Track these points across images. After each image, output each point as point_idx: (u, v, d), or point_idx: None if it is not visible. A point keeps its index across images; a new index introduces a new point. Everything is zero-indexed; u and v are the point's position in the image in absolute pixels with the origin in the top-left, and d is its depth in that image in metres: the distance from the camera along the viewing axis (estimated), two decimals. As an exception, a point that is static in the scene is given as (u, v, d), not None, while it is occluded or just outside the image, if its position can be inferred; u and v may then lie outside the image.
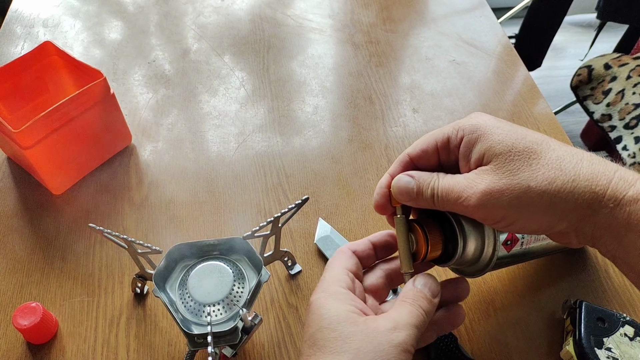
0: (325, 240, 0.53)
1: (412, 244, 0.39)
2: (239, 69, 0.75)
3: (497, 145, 0.32)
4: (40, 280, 0.51)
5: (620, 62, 1.20)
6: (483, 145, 0.33)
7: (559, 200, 0.31)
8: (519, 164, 0.32)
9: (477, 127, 0.34)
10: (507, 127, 0.33)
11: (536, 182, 0.31)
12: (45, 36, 0.80)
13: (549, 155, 0.32)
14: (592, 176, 0.31)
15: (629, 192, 0.30)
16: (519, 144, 0.32)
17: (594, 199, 0.31)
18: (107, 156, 0.62)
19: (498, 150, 0.32)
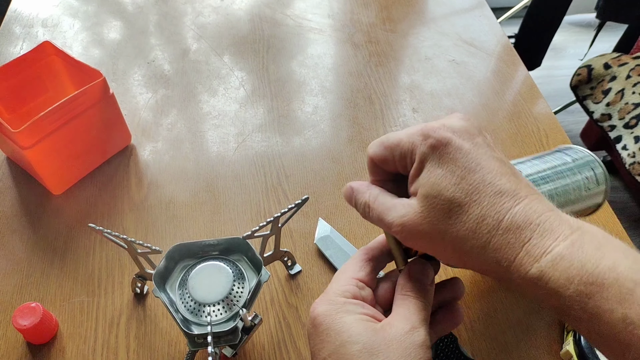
0: (325, 240, 0.53)
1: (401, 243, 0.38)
2: (239, 69, 0.75)
3: (428, 187, 0.32)
4: (40, 280, 0.51)
5: (619, 61, 1.20)
6: (420, 180, 0.33)
7: (467, 259, 0.32)
8: (440, 213, 0.32)
9: (425, 158, 0.33)
10: (449, 165, 0.32)
11: (451, 236, 0.32)
12: (45, 36, 0.80)
13: (470, 212, 0.31)
14: (501, 247, 0.30)
15: (531, 270, 0.29)
16: (448, 191, 0.32)
17: (501, 269, 0.31)
18: (106, 156, 0.62)
19: (426, 192, 0.32)
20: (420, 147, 0.33)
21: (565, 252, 0.29)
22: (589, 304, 0.28)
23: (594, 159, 0.49)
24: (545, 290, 0.29)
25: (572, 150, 0.51)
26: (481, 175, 0.32)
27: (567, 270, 0.29)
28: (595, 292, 0.28)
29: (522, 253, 0.30)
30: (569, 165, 0.48)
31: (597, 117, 1.20)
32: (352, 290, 0.36)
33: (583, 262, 0.28)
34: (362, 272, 0.37)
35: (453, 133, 0.33)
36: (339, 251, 0.52)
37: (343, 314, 0.34)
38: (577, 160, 0.49)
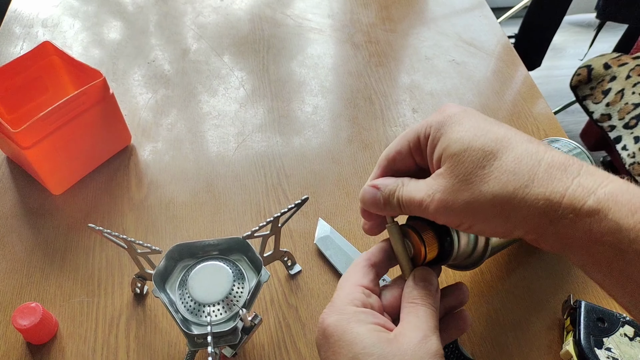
0: (325, 241, 0.53)
1: (410, 249, 0.38)
2: (239, 69, 0.75)
3: (454, 144, 0.31)
4: (40, 280, 0.51)
5: (619, 61, 1.20)
6: (442, 144, 0.32)
7: (511, 208, 0.29)
8: (471, 166, 0.30)
9: (442, 124, 0.32)
10: (470, 122, 0.31)
11: (487, 187, 0.29)
12: (45, 36, 0.80)
13: (505, 156, 0.29)
14: (548, 182, 0.28)
15: (587, 202, 0.27)
16: (477, 141, 0.30)
17: (550, 208, 0.28)
18: (106, 156, 0.62)
19: (453, 150, 0.31)
20: (437, 117, 0.33)
21: (622, 186, 0.27)
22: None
23: (582, 151, 0.50)
24: (604, 224, 0.26)
25: (560, 142, 0.51)
26: (506, 129, 0.31)
27: (630, 202, 0.26)
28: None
29: (573, 186, 0.28)
30: None
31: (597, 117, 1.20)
32: (361, 298, 0.34)
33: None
34: (366, 278, 0.36)
35: (463, 108, 0.33)
36: (339, 251, 0.52)
37: (355, 324, 0.33)
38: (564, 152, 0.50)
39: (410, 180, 0.34)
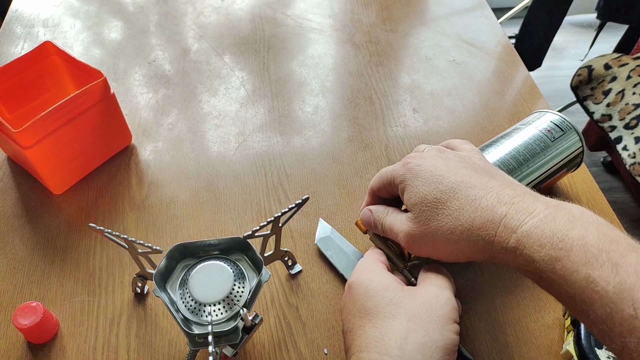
0: (326, 241, 0.53)
1: (394, 248, 0.46)
2: (239, 68, 0.75)
3: (413, 197, 0.39)
4: (40, 279, 0.51)
5: (620, 62, 1.20)
6: (406, 195, 0.40)
7: (462, 244, 0.37)
8: (429, 214, 0.38)
9: (404, 177, 0.40)
10: (425, 175, 0.39)
11: (442, 230, 0.37)
12: (45, 36, 0.80)
13: (451, 205, 0.37)
14: (483, 225, 0.35)
15: (510, 241, 0.34)
16: (430, 195, 0.38)
17: (487, 246, 0.35)
18: (107, 156, 0.62)
19: (413, 201, 0.39)
20: (400, 170, 0.41)
21: (538, 223, 0.33)
22: (557, 266, 0.31)
23: (551, 112, 0.54)
24: (522, 258, 0.33)
25: (534, 114, 0.56)
26: (454, 178, 0.38)
27: (540, 239, 0.32)
28: (563, 255, 0.31)
29: (501, 227, 0.34)
30: (528, 127, 0.53)
31: (598, 117, 1.20)
32: (383, 260, 0.44)
33: (554, 231, 0.32)
34: (383, 257, 0.44)
35: (425, 158, 0.41)
36: (339, 252, 0.52)
37: (373, 275, 0.40)
38: (535, 120, 0.54)
39: (394, 211, 0.43)
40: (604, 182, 1.66)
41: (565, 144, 0.52)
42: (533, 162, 0.50)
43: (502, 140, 0.53)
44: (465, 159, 0.41)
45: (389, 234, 0.42)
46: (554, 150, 0.51)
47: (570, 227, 0.32)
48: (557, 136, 0.52)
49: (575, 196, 0.58)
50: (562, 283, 0.31)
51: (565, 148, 0.52)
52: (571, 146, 0.53)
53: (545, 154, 0.51)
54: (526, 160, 0.50)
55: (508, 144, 0.52)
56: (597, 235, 0.31)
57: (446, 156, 0.41)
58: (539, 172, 0.51)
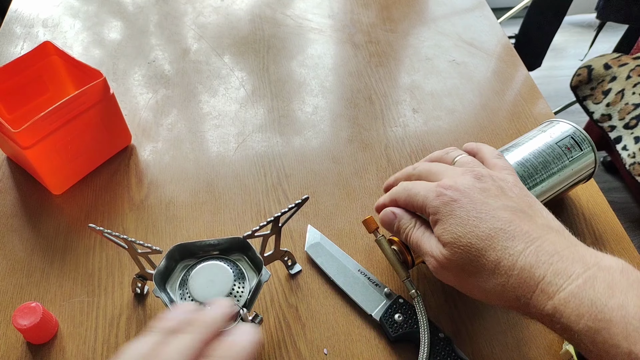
0: (316, 248, 0.53)
1: (399, 256, 0.46)
2: (239, 69, 0.75)
3: (446, 235, 0.37)
4: (40, 280, 0.51)
5: (620, 62, 1.20)
6: (437, 230, 0.38)
7: (495, 296, 0.36)
8: (462, 255, 0.36)
9: (437, 211, 0.38)
10: (461, 215, 0.37)
11: (474, 277, 0.36)
12: (45, 36, 0.80)
13: (487, 256, 0.35)
14: (519, 285, 0.34)
15: (546, 307, 0.33)
16: (464, 238, 0.36)
17: (522, 305, 0.34)
18: (107, 156, 0.62)
19: (446, 239, 0.37)
20: (433, 201, 0.39)
21: (576, 290, 0.32)
22: (597, 338, 0.30)
23: (572, 127, 0.52)
24: (560, 325, 0.32)
25: (552, 124, 0.53)
26: (492, 224, 0.36)
27: (578, 308, 0.31)
28: (603, 328, 0.30)
29: (537, 291, 0.33)
30: (547, 141, 0.51)
31: (597, 117, 1.20)
32: None
33: (593, 300, 0.31)
34: None
35: (462, 191, 0.38)
36: (330, 258, 0.51)
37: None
38: (555, 134, 0.52)
39: (425, 229, 0.41)
40: (604, 182, 1.66)
41: (583, 163, 0.51)
42: (547, 178, 0.49)
43: (514, 149, 0.51)
44: (504, 189, 0.39)
45: (414, 248, 0.41)
46: (569, 170, 0.50)
47: (609, 295, 0.31)
48: (575, 156, 0.50)
49: (575, 196, 0.58)
50: (602, 356, 0.30)
51: (581, 167, 0.51)
52: (587, 165, 0.51)
53: (560, 174, 0.50)
54: (540, 176, 0.49)
55: (521, 154, 0.50)
56: (637, 302, 0.30)
57: (483, 187, 0.38)
58: (551, 191, 0.50)
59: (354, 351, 0.46)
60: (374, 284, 0.49)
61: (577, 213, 0.56)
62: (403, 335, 0.45)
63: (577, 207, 0.57)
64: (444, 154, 0.46)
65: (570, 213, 0.57)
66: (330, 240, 0.53)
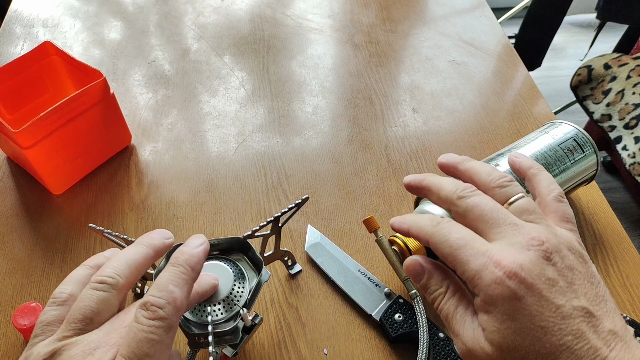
0: (316, 248, 0.53)
1: (399, 256, 0.45)
2: (239, 69, 0.75)
3: (498, 336, 0.30)
4: (40, 280, 0.51)
5: (619, 62, 1.20)
6: (485, 322, 0.31)
7: None
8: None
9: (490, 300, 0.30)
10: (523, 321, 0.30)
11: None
12: (45, 36, 0.80)
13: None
14: None
15: None
16: (522, 349, 0.29)
17: None
18: (107, 156, 0.62)
19: (493, 339, 0.30)
20: (489, 288, 0.30)
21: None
22: None
23: (574, 129, 0.51)
24: None
25: (554, 126, 0.53)
26: (558, 338, 0.29)
27: None
28: None
29: None
30: (549, 143, 0.51)
31: (597, 117, 1.20)
32: None
33: None
34: None
35: (528, 285, 0.30)
36: (330, 258, 0.51)
37: None
38: (557, 136, 0.51)
39: (455, 295, 0.33)
40: (603, 182, 1.66)
41: (584, 165, 0.51)
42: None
43: (515, 150, 0.50)
44: (572, 273, 0.31)
45: (443, 318, 0.34)
46: (571, 172, 0.50)
47: None
48: (578, 158, 0.50)
49: (576, 196, 0.58)
50: None
51: (583, 169, 0.51)
52: (589, 167, 0.51)
53: (562, 176, 0.49)
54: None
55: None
56: None
57: (552, 277, 0.30)
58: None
59: (354, 351, 0.46)
60: (374, 284, 0.49)
61: (577, 213, 0.56)
62: (403, 335, 0.45)
63: (577, 207, 0.57)
64: (497, 181, 0.36)
65: (570, 213, 0.57)
66: (330, 240, 0.54)
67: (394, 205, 0.58)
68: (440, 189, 0.36)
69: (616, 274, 0.51)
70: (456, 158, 0.39)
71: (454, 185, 0.36)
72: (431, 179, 0.38)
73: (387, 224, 0.56)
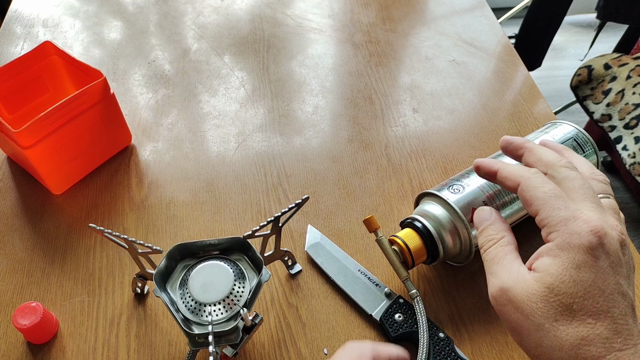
0: (316, 248, 0.53)
1: (399, 256, 0.46)
2: (239, 68, 0.75)
3: (556, 280, 0.31)
4: (40, 280, 0.51)
5: (620, 62, 1.20)
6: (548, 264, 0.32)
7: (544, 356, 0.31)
8: (549, 308, 0.31)
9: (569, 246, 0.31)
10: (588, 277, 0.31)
11: (544, 332, 0.31)
12: (45, 36, 0.80)
13: (579, 328, 0.30)
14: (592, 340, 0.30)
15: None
16: (570, 298, 0.30)
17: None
18: (107, 156, 0.62)
19: (550, 284, 0.31)
20: (573, 236, 0.31)
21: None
22: None
23: (574, 129, 0.51)
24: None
25: (554, 126, 0.53)
26: (607, 306, 0.30)
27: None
28: None
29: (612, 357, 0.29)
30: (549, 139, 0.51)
31: (597, 117, 1.20)
32: None
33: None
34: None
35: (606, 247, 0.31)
36: (330, 258, 0.51)
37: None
38: (557, 136, 0.52)
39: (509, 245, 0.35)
40: (603, 182, 1.65)
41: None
42: None
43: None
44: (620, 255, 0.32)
45: (485, 261, 0.35)
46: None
47: None
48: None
49: (575, 196, 0.58)
50: None
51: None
52: None
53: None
54: None
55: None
56: None
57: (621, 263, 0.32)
58: None
59: (354, 351, 0.46)
60: (374, 284, 0.49)
61: (577, 213, 0.56)
62: (403, 335, 0.45)
63: (577, 207, 0.57)
64: (595, 176, 0.38)
65: (570, 213, 0.57)
66: (330, 240, 0.54)
67: (394, 205, 0.58)
68: (543, 153, 0.38)
69: (616, 273, 0.51)
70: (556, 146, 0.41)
71: (557, 156, 0.37)
72: (533, 145, 0.39)
73: (387, 224, 0.56)
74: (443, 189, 0.48)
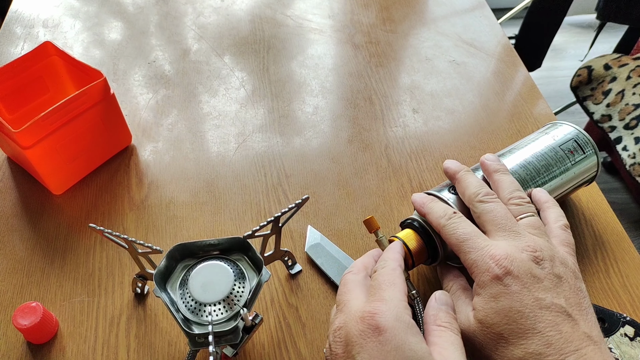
0: (316, 248, 0.52)
1: None
2: (239, 69, 0.75)
3: (483, 314, 0.36)
4: (40, 280, 0.51)
5: (620, 62, 1.20)
6: (476, 302, 0.37)
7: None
8: (488, 340, 0.35)
9: (483, 284, 0.36)
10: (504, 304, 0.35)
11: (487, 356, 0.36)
12: (45, 36, 0.80)
13: (515, 351, 0.34)
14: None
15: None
16: (498, 327, 0.35)
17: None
18: (107, 156, 0.62)
19: (481, 318, 0.36)
20: (483, 275, 0.36)
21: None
22: None
23: (575, 129, 0.51)
24: None
25: (554, 127, 0.52)
26: (532, 324, 0.34)
27: None
28: None
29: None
30: (550, 144, 0.51)
31: (598, 118, 1.20)
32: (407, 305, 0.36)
33: None
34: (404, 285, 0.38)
35: (514, 276, 0.35)
36: (330, 259, 0.51)
37: (411, 337, 0.33)
38: (558, 136, 0.51)
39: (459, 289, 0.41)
40: (604, 182, 1.66)
41: (585, 166, 0.51)
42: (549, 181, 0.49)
43: (516, 151, 0.50)
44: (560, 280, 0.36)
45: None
46: (571, 173, 0.50)
47: None
48: (578, 159, 0.50)
49: (576, 197, 0.58)
50: None
51: (583, 171, 0.51)
52: (589, 169, 0.51)
53: (563, 177, 0.49)
54: (542, 178, 0.48)
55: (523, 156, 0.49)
56: None
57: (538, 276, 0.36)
58: (553, 194, 0.49)
59: (354, 351, 0.46)
60: None
61: (578, 213, 0.56)
62: (403, 335, 0.45)
63: (578, 208, 0.57)
64: (516, 199, 0.42)
65: (570, 213, 0.57)
66: (330, 240, 0.54)
67: (394, 205, 0.58)
68: (466, 187, 0.43)
69: (616, 274, 0.51)
70: (492, 165, 0.45)
71: (478, 188, 0.42)
72: (463, 175, 0.44)
73: (387, 224, 0.56)
74: (443, 189, 0.47)
